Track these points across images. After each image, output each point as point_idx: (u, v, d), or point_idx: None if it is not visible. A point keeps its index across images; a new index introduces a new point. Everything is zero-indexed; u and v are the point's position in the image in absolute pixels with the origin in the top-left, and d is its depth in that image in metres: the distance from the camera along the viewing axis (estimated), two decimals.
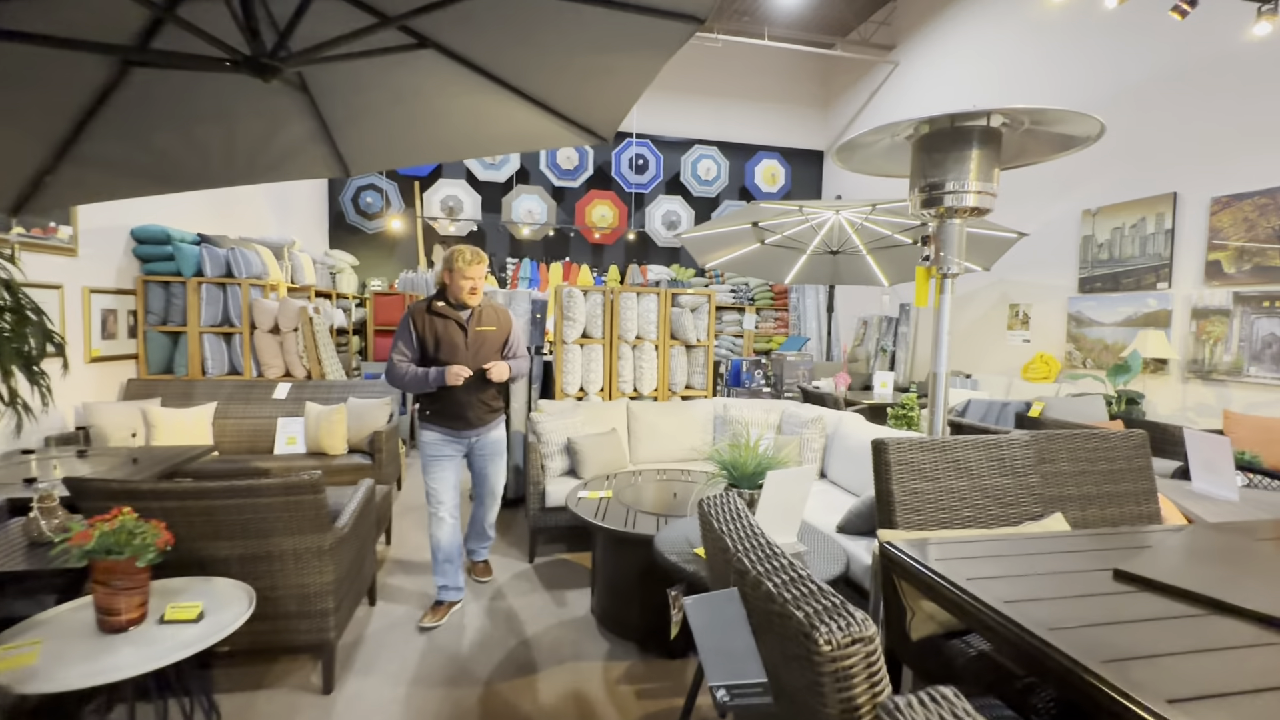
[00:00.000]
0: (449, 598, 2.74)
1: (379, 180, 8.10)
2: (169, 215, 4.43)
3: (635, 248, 9.22)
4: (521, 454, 4.14)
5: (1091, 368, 5.56)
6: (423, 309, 2.66)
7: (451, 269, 2.63)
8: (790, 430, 3.66)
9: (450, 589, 2.74)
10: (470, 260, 2.60)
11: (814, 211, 5.56)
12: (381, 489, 3.28)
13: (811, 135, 9.97)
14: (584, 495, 2.69)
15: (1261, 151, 4.36)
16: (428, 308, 2.65)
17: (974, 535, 1.32)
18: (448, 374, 2.52)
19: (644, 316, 4.13)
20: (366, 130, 2.64)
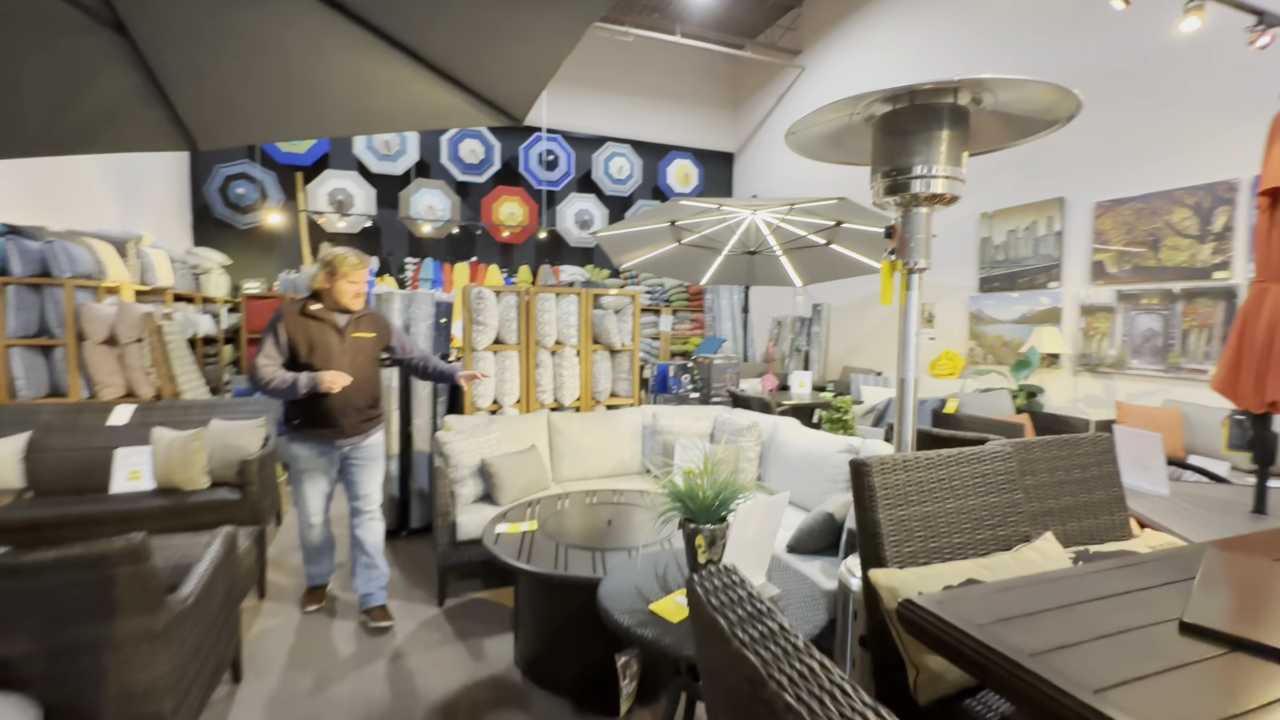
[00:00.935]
0: (323, 581, 2.89)
1: (252, 168, 7.16)
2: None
3: (547, 247, 8.80)
4: (427, 479, 3.65)
5: (993, 363, 5.82)
6: (295, 311, 2.52)
7: (335, 274, 2.52)
8: (724, 439, 3.45)
9: (324, 574, 2.88)
10: (356, 265, 2.53)
11: (732, 211, 5.44)
12: (250, 532, 2.71)
13: (723, 137, 10.00)
14: (503, 530, 2.30)
15: (1139, 160, 4.70)
16: (301, 310, 2.52)
17: (999, 582, 1.10)
18: (323, 380, 2.42)
19: (563, 319, 3.77)
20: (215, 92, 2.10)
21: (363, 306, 2.62)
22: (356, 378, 2.55)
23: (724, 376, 4.54)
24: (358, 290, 2.54)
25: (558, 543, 2.17)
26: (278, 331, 2.49)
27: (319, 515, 2.72)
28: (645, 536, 2.24)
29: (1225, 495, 2.35)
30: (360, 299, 2.57)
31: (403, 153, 7.73)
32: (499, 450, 3.15)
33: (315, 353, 2.49)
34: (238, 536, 2.26)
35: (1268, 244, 2.13)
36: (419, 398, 3.65)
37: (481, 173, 8.16)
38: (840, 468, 2.80)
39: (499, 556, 2.03)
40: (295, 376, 2.44)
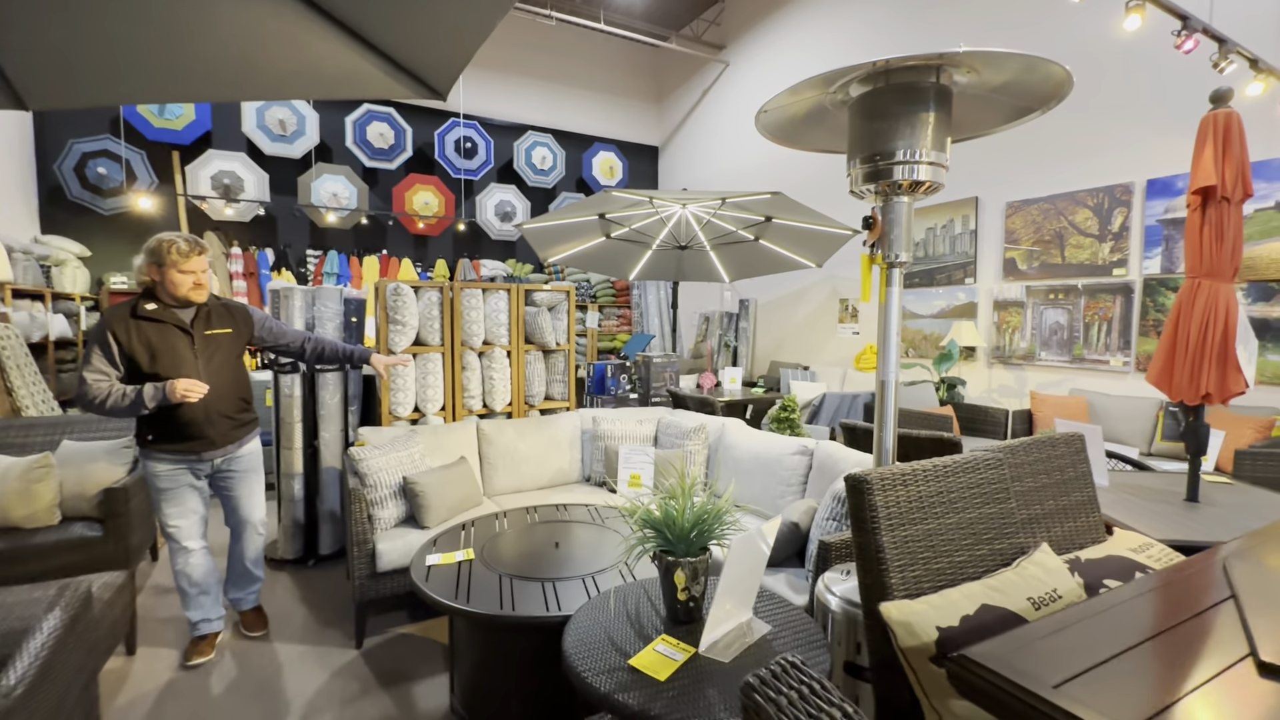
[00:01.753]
0: (212, 629, 2.47)
1: (115, 145, 6.22)
2: None
3: (466, 240, 8.31)
4: (338, 500, 3.24)
5: (915, 357, 6.03)
6: (125, 315, 2.19)
7: (162, 264, 2.18)
8: (669, 443, 3.27)
9: (212, 620, 2.47)
10: (187, 251, 2.19)
11: (663, 204, 5.30)
12: (113, 579, 2.23)
13: (648, 130, 9.85)
14: (435, 561, 2.00)
15: (1046, 162, 4.97)
16: (132, 312, 2.20)
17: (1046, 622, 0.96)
18: (174, 390, 2.12)
19: (492, 317, 3.45)
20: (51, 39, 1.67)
21: (205, 298, 2.30)
22: (217, 381, 2.30)
23: (663, 375, 4.37)
24: (196, 280, 2.23)
25: (500, 574, 1.90)
26: (106, 342, 2.15)
27: (195, 540, 2.39)
28: (600, 560, 2.01)
29: (1157, 484, 2.44)
30: (201, 290, 2.26)
31: (301, 134, 7.00)
32: (423, 465, 2.81)
33: (160, 360, 2.19)
34: (92, 589, 1.82)
35: (1199, 241, 2.20)
36: (327, 407, 3.22)
37: (392, 159, 7.55)
38: (795, 470, 2.69)
39: (434, 599, 1.73)
40: (138, 390, 2.12)
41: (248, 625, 2.62)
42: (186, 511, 2.36)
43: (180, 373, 2.21)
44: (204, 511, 2.43)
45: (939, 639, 1.09)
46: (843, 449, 2.56)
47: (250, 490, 2.50)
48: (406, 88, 1.89)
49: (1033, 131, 5.01)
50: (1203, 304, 2.16)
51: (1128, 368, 4.51)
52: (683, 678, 1.14)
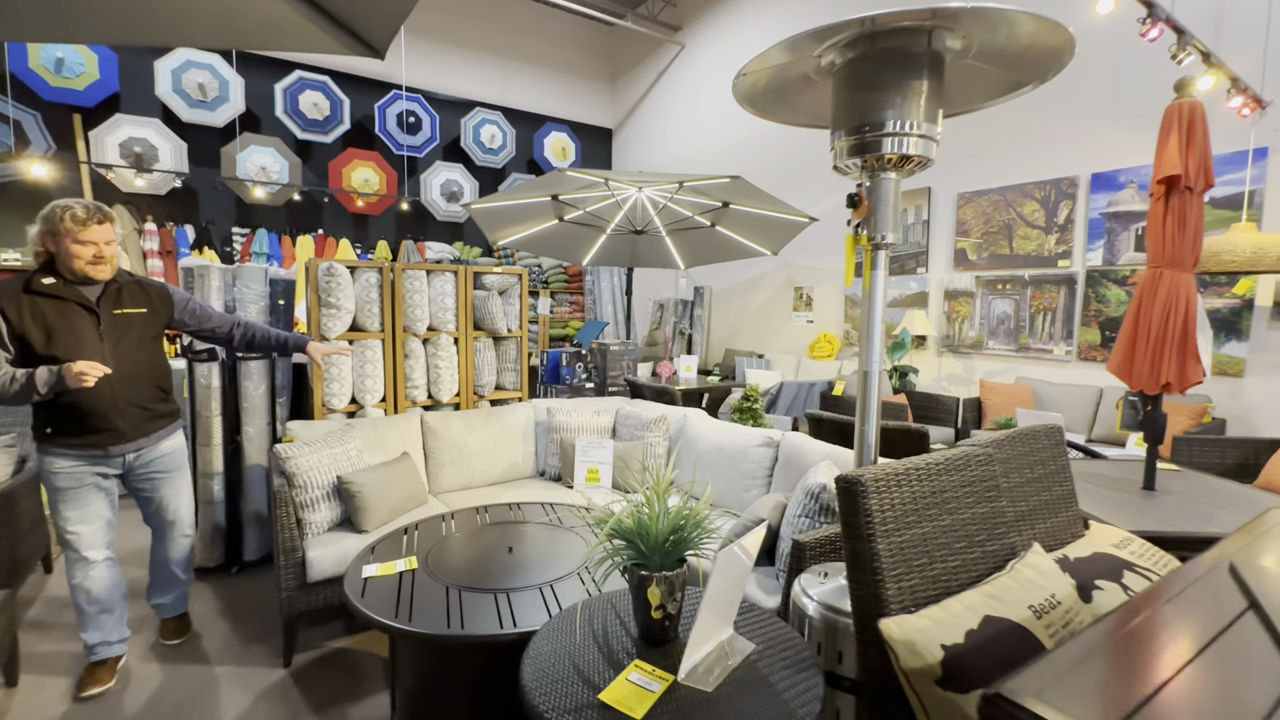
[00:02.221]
0: (112, 653, 2.18)
1: (4, 104, 5.53)
2: None
3: (409, 221, 7.88)
4: (265, 501, 2.94)
5: None
6: (16, 290, 1.95)
7: (57, 232, 1.95)
8: (628, 434, 3.12)
9: (113, 643, 2.18)
10: (84, 219, 1.95)
11: (619, 186, 5.12)
12: None
13: (601, 111, 9.59)
14: (373, 572, 1.79)
15: (997, 155, 5.05)
16: (26, 287, 1.96)
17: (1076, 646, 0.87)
18: (70, 373, 1.85)
19: (438, 301, 3.20)
20: None
21: (112, 273, 2.06)
22: (127, 365, 2.06)
23: (620, 364, 4.21)
24: (96, 254, 1.99)
25: (447, 585, 1.71)
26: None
27: (97, 550, 2.11)
28: (558, 566, 1.84)
29: (1111, 472, 2.46)
30: (104, 265, 2.01)
31: (224, 100, 6.42)
32: (361, 462, 2.56)
33: (57, 340, 1.95)
34: None
35: (1161, 231, 2.20)
36: (251, 399, 2.91)
37: (327, 131, 7.04)
38: (760, 463, 2.59)
39: (371, 617, 1.53)
40: (29, 374, 1.88)
41: (168, 633, 2.40)
42: (89, 516, 2.08)
43: (82, 355, 1.95)
44: (110, 516, 2.15)
45: (944, 659, 0.98)
46: (809, 440, 2.48)
47: (175, 491, 2.28)
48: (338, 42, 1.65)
49: (985, 123, 5.08)
50: (1164, 294, 2.17)
51: (1069, 356, 4.65)
52: (661, 713, 1.00)
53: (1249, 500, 2.11)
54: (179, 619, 2.44)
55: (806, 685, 1.09)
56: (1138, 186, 4.25)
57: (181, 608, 2.45)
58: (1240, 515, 1.95)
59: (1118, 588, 1.29)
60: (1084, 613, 1.20)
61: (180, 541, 2.35)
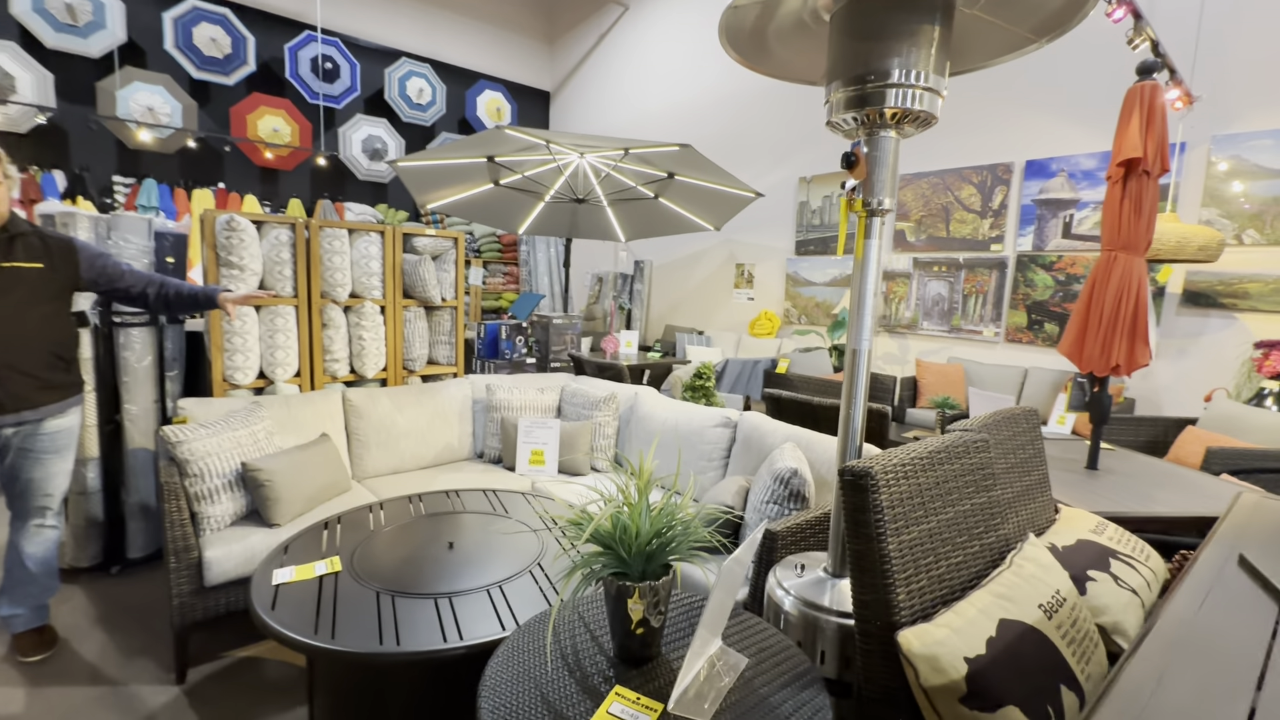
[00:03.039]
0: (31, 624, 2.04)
1: None
2: None
3: (327, 178, 7.21)
4: (154, 492, 2.55)
5: (807, 324, 6.13)
6: None
7: None
8: (575, 414, 2.93)
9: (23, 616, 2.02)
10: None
11: (561, 150, 4.84)
12: None
13: (538, 73, 9.10)
14: (287, 578, 1.52)
15: (938, 138, 5.11)
16: None
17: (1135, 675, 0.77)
18: None
19: (361, 265, 2.86)
20: None
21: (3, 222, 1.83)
22: (12, 327, 1.84)
23: (563, 338, 3.98)
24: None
25: (377, 590, 1.48)
26: None
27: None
28: (507, 563, 1.65)
29: (1057, 453, 2.51)
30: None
31: (99, 25, 5.55)
32: (271, 445, 2.24)
33: None
34: None
35: (1118, 214, 2.21)
36: (133, 372, 2.49)
37: (228, 71, 6.26)
38: (717, 444, 2.47)
39: (284, 634, 1.28)
40: None
41: (26, 649, 2.03)
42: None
43: None
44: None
45: (968, 674, 0.87)
46: (769, 421, 2.37)
47: (50, 474, 2.00)
48: None
49: None
50: (1118, 277, 2.19)
51: (998, 338, 4.83)
52: None
53: (1182, 479, 2.19)
54: (38, 632, 2.07)
55: (813, 707, 0.97)
56: (1068, 175, 4.40)
57: (41, 619, 2.09)
58: (1179, 494, 2.01)
59: (1109, 578, 1.25)
60: (1082, 607, 1.14)
61: (44, 534, 2.02)
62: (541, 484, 2.61)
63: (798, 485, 1.77)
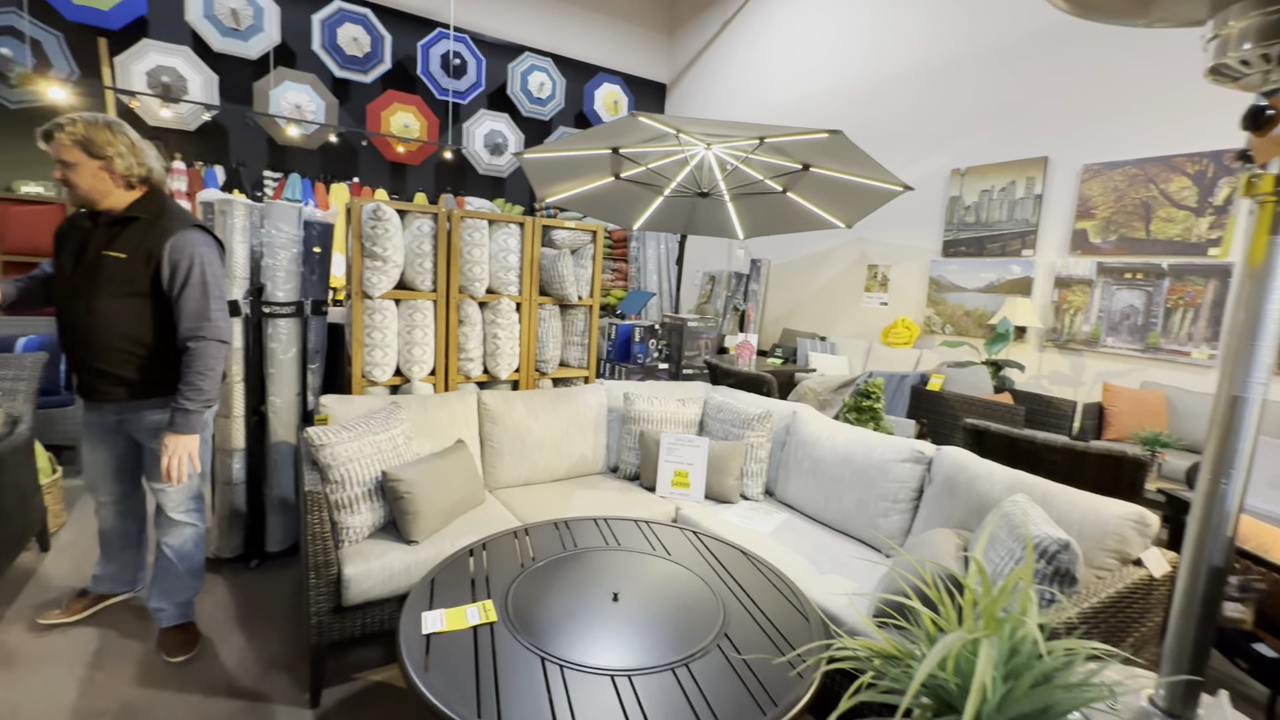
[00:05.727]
0: (99, 589, 2.15)
1: (22, 21, 5.07)
2: None
3: (449, 173, 7.34)
4: (292, 485, 2.50)
5: (952, 334, 5.45)
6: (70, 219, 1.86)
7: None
8: (721, 430, 2.60)
9: (103, 579, 2.15)
10: (40, 137, 1.71)
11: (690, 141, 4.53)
12: None
13: (656, 65, 8.85)
14: (437, 626, 1.30)
15: (1136, 119, 4.31)
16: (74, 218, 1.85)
17: None
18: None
19: (499, 259, 2.68)
20: None
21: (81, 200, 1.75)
22: (87, 317, 1.76)
23: (697, 343, 3.66)
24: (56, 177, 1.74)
25: (543, 656, 1.22)
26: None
27: (99, 493, 2.03)
28: (689, 633, 1.34)
29: None
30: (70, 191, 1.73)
31: (258, 29, 5.89)
32: (409, 451, 2.08)
33: (56, 270, 1.83)
34: None
35: None
36: (279, 364, 2.43)
37: (367, 70, 6.48)
38: (905, 483, 2.05)
39: (441, 710, 1.05)
40: None
41: (167, 647, 1.98)
42: (92, 460, 1.99)
43: (59, 292, 1.79)
44: (112, 462, 1.99)
45: None
46: (977, 460, 1.93)
47: (156, 467, 1.90)
48: None
49: (1118, 80, 4.34)
50: None
51: (1213, 362, 3.99)
52: None
53: None
54: (182, 630, 2.02)
55: None
56: None
57: (186, 616, 2.04)
58: None
59: None
60: None
61: (180, 529, 1.97)
62: (687, 510, 2.31)
63: (1067, 562, 1.33)
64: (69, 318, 1.78)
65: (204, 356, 1.77)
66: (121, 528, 2.10)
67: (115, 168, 1.73)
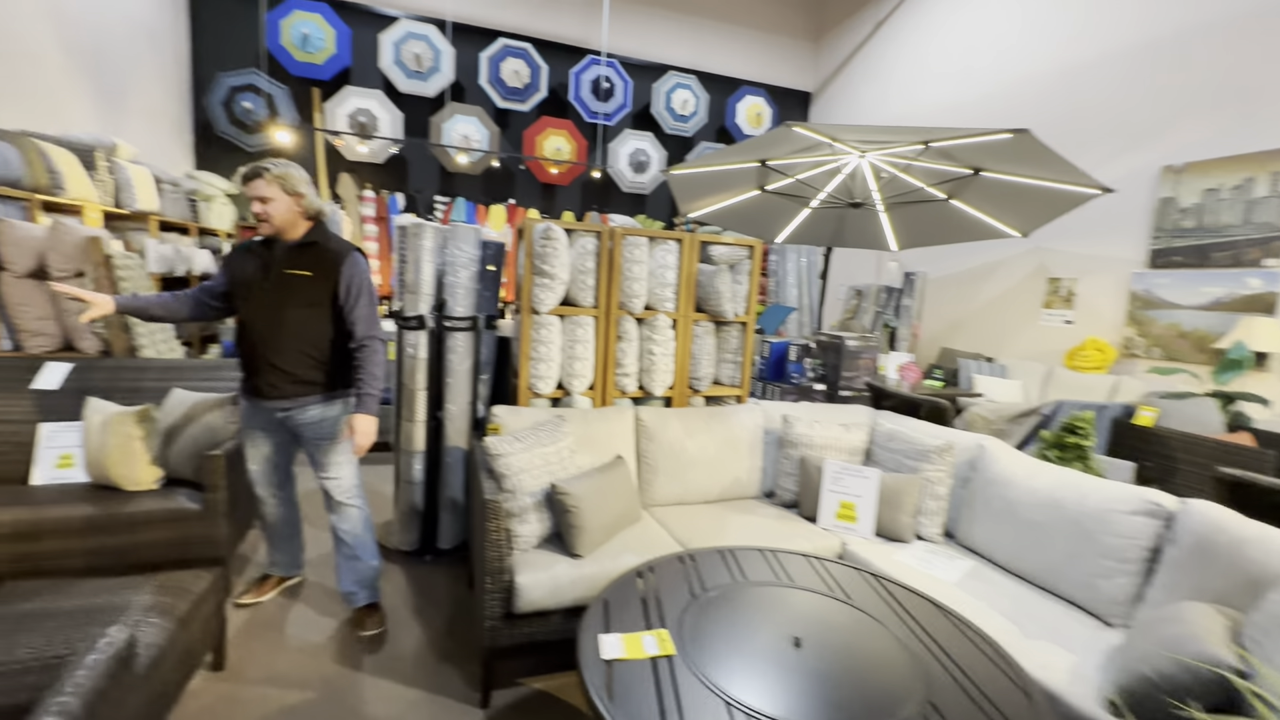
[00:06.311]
0: (278, 572, 2.46)
1: (261, 79, 6.05)
2: None
3: (594, 192, 7.63)
4: (461, 487, 2.66)
5: (1160, 358, 4.64)
6: (240, 248, 2.17)
7: None
8: (893, 462, 2.37)
9: (279, 564, 2.46)
10: (244, 178, 2.01)
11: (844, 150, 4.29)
12: (194, 585, 1.74)
13: (800, 74, 8.60)
14: (617, 653, 1.28)
15: None
16: (245, 246, 2.16)
17: None
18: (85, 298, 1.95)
19: (658, 275, 2.69)
20: None
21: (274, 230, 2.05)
22: (275, 326, 2.05)
23: (856, 363, 3.43)
24: (260, 212, 2.02)
25: (727, 702, 1.15)
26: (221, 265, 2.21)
27: (263, 487, 2.30)
28: (889, 693, 1.20)
29: None
30: (265, 222, 2.03)
31: (436, 70, 6.55)
32: (573, 465, 2.12)
33: (236, 290, 2.11)
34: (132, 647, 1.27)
35: None
36: (455, 374, 2.62)
37: (525, 99, 6.95)
38: (1135, 540, 1.72)
39: None
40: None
41: (359, 623, 2.24)
42: (255, 456, 2.25)
43: (246, 306, 2.09)
44: (277, 460, 2.28)
45: None
46: (1242, 521, 1.56)
47: (328, 462, 2.19)
48: None
49: None
50: None
51: None
52: None
53: None
54: (371, 609, 2.27)
55: None
56: None
57: (373, 598, 2.29)
58: None
59: None
60: None
61: (348, 511, 2.22)
62: (854, 546, 2.12)
63: None
64: (257, 325, 2.07)
65: (376, 354, 2.11)
66: (285, 515, 2.38)
67: (302, 203, 2.06)
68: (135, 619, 1.49)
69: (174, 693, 1.58)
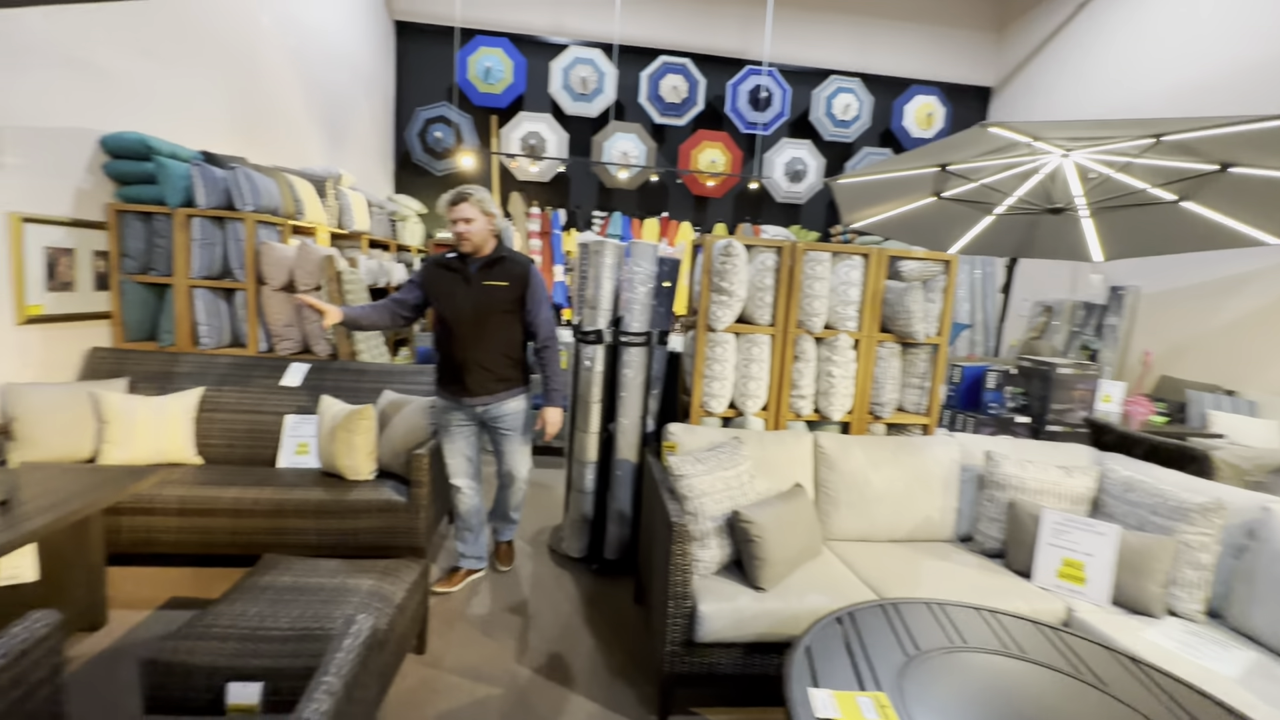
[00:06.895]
0: (467, 565, 2.67)
1: (450, 110, 6.73)
2: (175, 129, 3.19)
3: (747, 203, 7.51)
4: (629, 499, 2.69)
5: None
6: (434, 263, 2.44)
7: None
8: (1134, 518, 2.00)
9: (469, 557, 2.68)
10: (448, 202, 2.33)
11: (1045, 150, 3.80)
12: (408, 573, 1.90)
13: (979, 68, 7.82)
14: (830, 712, 1.17)
15: None
16: (438, 261, 2.43)
17: None
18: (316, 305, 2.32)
19: (839, 293, 2.53)
20: None
21: (474, 248, 2.35)
22: (479, 330, 2.37)
23: (1069, 394, 2.99)
24: (462, 232, 2.31)
25: None
26: (413, 279, 2.49)
27: (461, 478, 2.57)
28: None
29: None
30: (465, 240, 2.32)
31: (600, 91, 6.84)
32: (753, 491, 2.04)
33: (442, 300, 2.40)
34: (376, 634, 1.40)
35: None
36: (629, 388, 2.66)
37: (682, 114, 7.02)
38: None
39: None
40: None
41: (500, 559, 2.80)
42: (453, 450, 2.53)
43: (452, 309, 2.35)
44: (470, 454, 2.56)
45: None
46: None
47: (513, 449, 2.56)
48: None
49: None
50: None
51: None
52: None
53: None
54: (507, 546, 2.82)
55: None
56: None
57: (508, 535, 2.81)
58: None
59: None
60: None
61: (517, 487, 2.65)
62: (1084, 614, 1.81)
63: None
64: (463, 331, 2.35)
65: (557, 354, 2.49)
66: (476, 506, 2.62)
67: (493, 223, 2.37)
68: (369, 603, 1.66)
69: (391, 674, 1.74)
